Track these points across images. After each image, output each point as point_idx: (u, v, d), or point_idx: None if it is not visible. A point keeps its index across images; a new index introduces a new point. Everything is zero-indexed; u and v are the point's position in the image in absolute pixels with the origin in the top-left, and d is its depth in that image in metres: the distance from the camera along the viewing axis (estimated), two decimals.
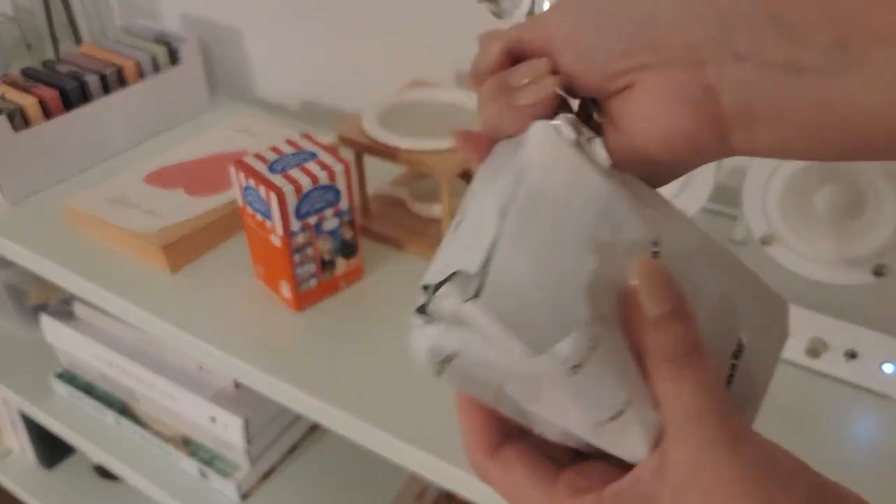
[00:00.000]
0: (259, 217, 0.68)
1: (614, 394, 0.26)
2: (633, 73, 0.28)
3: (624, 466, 0.28)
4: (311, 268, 0.69)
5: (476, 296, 0.25)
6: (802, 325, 0.60)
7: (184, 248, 0.76)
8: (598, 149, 0.29)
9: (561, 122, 0.29)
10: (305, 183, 0.65)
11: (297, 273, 0.68)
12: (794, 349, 0.61)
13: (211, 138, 0.93)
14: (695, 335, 0.27)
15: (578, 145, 0.29)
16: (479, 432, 0.30)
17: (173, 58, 0.99)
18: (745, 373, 0.30)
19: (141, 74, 0.96)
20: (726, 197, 0.71)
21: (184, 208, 0.80)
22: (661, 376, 0.27)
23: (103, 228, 0.79)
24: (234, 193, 0.81)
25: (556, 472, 0.29)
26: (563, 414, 0.27)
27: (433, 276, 0.27)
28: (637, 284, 0.27)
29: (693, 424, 0.26)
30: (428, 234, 0.78)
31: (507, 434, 0.31)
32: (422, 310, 0.27)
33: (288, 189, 0.64)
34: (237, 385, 0.91)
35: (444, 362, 0.27)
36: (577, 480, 0.29)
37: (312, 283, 0.70)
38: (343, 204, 0.68)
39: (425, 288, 0.27)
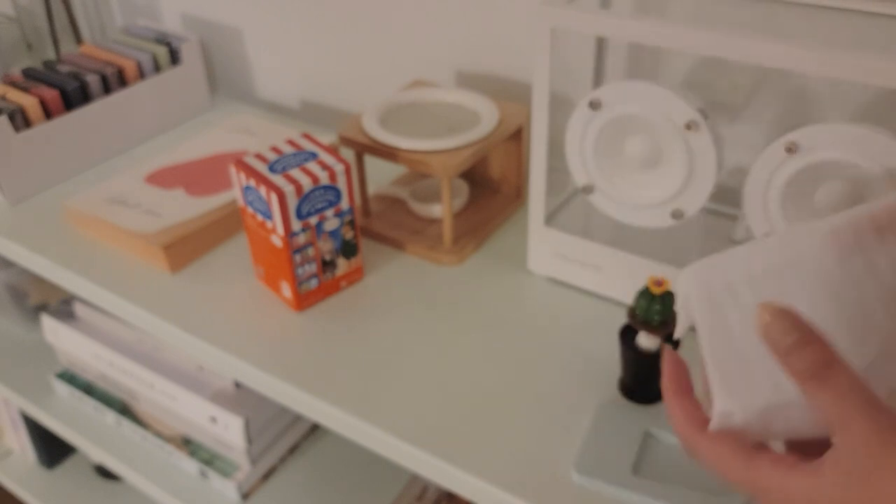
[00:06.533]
0: (260, 217, 0.68)
1: None
2: None
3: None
4: (312, 268, 0.69)
5: None
6: None
7: (184, 248, 0.76)
8: None
9: None
10: (306, 183, 0.65)
11: (298, 273, 0.68)
12: None
13: (211, 138, 0.93)
14: (827, 353, 0.33)
15: None
16: (690, 412, 0.39)
17: (174, 58, 0.99)
18: None
19: (141, 74, 0.97)
20: (726, 197, 0.71)
21: (184, 208, 0.80)
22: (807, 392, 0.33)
23: (103, 228, 0.79)
24: (235, 193, 0.81)
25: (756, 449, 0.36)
26: None
27: None
28: (768, 322, 0.33)
29: (842, 427, 0.32)
30: (428, 234, 0.78)
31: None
32: None
33: (289, 189, 0.64)
34: (237, 385, 0.91)
35: None
36: (777, 456, 0.35)
37: (313, 283, 0.70)
38: (344, 204, 0.68)
39: None
